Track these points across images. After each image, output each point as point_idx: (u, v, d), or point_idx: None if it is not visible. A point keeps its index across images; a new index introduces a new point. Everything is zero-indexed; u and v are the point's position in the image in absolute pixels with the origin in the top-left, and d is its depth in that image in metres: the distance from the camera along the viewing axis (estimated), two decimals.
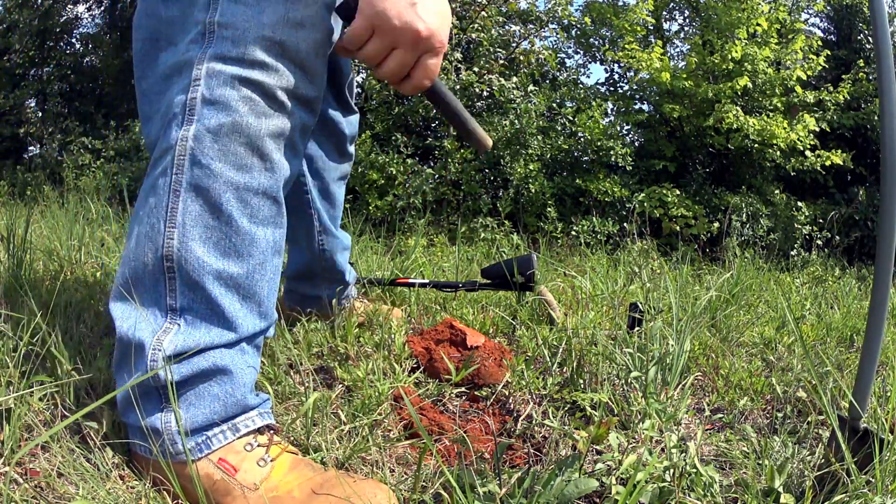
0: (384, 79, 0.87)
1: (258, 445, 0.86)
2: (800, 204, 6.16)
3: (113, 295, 0.88)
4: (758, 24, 6.03)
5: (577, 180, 5.96)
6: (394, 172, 5.50)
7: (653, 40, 7.07)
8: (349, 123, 1.41)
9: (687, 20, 7.74)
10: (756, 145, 6.00)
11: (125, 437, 0.88)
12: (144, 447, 0.85)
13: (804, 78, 6.11)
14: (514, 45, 7.01)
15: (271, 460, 0.86)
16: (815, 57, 6.13)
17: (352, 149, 1.46)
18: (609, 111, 6.78)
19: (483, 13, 6.36)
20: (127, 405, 0.86)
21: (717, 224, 5.73)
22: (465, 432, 1.09)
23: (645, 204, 5.65)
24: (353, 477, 0.84)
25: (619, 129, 6.50)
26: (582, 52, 8.02)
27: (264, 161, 0.86)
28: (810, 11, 7.44)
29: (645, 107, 6.94)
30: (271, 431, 0.90)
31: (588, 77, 23.64)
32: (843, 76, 6.56)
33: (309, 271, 1.48)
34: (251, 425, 0.88)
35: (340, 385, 1.21)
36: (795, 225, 5.96)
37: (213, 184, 0.82)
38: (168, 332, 0.83)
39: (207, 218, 0.83)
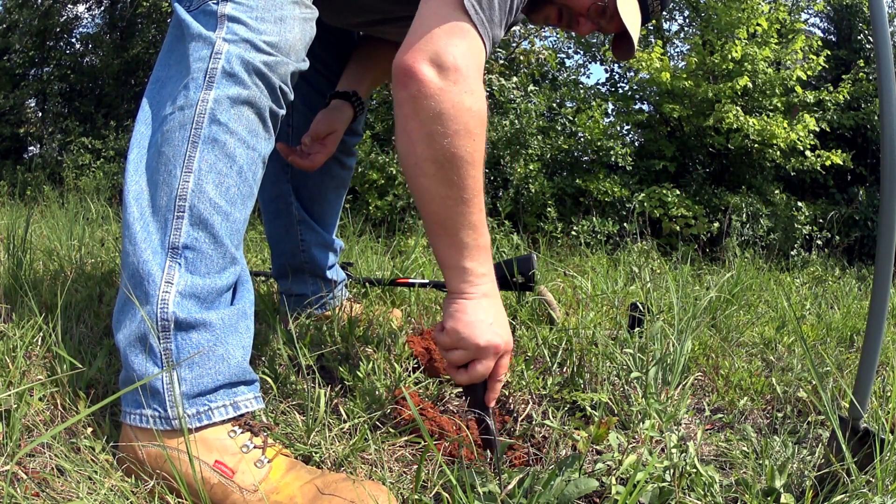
0: (461, 383, 1.00)
1: (254, 447, 0.87)
2: (800, 204, 6.15)
3: (124, 236, 0.94)
4: (758, 24, 6.02)
5: (577, 180, 5.96)
6: (394, 172, 5.50)
7: (653, 40, 7.07)
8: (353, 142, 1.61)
9: (687, 20, 7.74)
10: (756, 145, 6.00)
11: (123, 435, 0.88)
12: (138, 416, 0.85)
13: (804, 78, 6.11)
14: (514, 45, 7.01)
15: (268, 461, 0.86)
16: (815, 57, 6.13)
17: (351, 162, 1.64)
18: (609, 111, 6.78)
19: None
20: (129, 350, 0.87)
21: (717, 224, 5.72)
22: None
23: (645, 204, 5.64)
24: (351, 478, 0.84)
25: (619, 129, 6.50)
26: (582, 52, 8.03)
27: (266, 131, 0.97)
28: (810, 11, 7.44)
29: (645, 107, 6.94)
30: (265, 433, 0.90)
31: (588, 77, 23.59)
32: (843, 76, 6.56)
33: (292, 266, 1.58)
34: (249, 406, 0.90)
35: (340, 384, 1.21)
36: (795, 225, 5.95)
37: (230, 139, 0.92)
38: (173, 267, 0.88)
39: (221, 166, 0.91)
